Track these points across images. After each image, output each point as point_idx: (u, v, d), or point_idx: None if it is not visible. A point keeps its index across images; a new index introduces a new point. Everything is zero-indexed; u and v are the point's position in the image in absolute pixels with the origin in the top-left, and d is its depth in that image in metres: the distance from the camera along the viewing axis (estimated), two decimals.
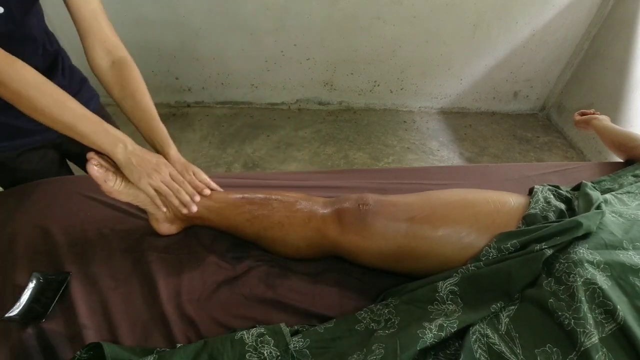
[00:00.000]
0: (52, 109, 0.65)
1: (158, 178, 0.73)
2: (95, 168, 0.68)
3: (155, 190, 0.74)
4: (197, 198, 0.76)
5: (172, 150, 0.79)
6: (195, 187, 0.78)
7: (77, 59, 0.94)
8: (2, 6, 0.67)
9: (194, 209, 0.76)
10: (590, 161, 1.62)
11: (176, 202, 0.75)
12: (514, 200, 0.73)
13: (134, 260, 0.77)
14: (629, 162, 1.02)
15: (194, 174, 0.80)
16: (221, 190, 0.82)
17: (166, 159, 0.77)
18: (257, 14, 2.04)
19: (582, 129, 1.20)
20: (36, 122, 0.68)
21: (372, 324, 0.64)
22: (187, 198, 0.75)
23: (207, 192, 0.78)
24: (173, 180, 0.75)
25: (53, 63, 0.85)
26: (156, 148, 0.80)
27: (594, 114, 1.18)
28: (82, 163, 0.87)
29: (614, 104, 2.10)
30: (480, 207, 0.71)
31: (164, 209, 0.77)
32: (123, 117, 0.81)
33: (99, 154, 0.70)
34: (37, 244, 0.78)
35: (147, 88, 0.80)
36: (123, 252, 0.78)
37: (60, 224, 0.82)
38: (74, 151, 1.00)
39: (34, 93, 0.63)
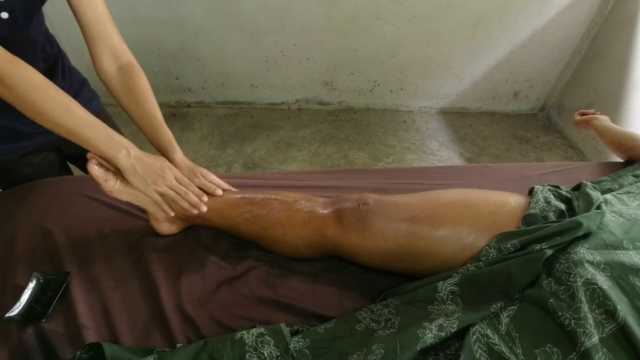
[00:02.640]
0: (57, 113, 0.64)
1: (163, 183, 0.73)
2: (96, 167, 0.68)
3: (162, 195, 0.74)
4: (205, 198, 0.76)
5: (178, 154, 0.79)
6: (206, 189, 0.78)
7: (76, 60, 0.94)
8: (7, 11, 0.66)
9: (204, 208, 0.76)
10: (590, 161, 1.62)
11: (185, 204, 0.75)
12: (514, 201, 0.73)
13: (134, 260, 0.77)
14: (629, 162, 1.02)
15: (202, 176, 0.80)
16: (234, 189, 0.83)
17: (172, 164, 0.77)
18: (257, 14, 2.04)
19: (582, 128, 1.20)
20: (36, 125, 0.67)
21: (372, 324, 0.64)
22: (195, 199, 0.75)
23: (219, 192, 0.78)
24: (179, 182, 0.75)
25: (53, 66, 0.85)
26: (162, 153, 0.80)
27: (594, 114, 1.19)
28: (83, 165, 0.87)
29: (614, 104, 2.10)
30: (481, 207, 0.71)
31: (172, 214, 0.77)
32: (124, 116, 0.81)
33: None
34: (37, 244, 0.78)
35: (152, 93, 0.80)
36: (123, 252, 0.78)
37: (60, 224, 0.81)
38: (75, 153, 1.00)
39: (39, 97, 0.63)
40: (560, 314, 0.55)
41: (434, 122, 2.52)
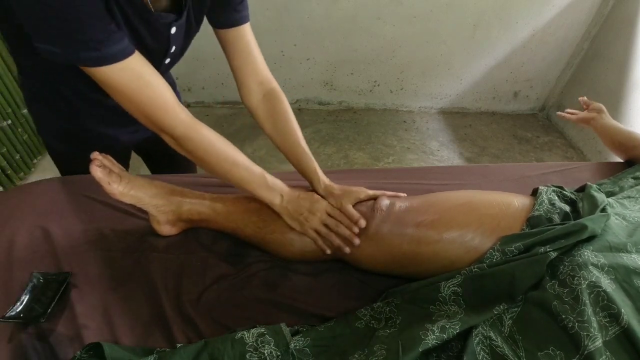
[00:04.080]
0: (227, 170, 0.70)
1: (315, 219, 0.73)
2: (99, 170, 0.67)
3: (318, 232, 0.73)
4: (356, 230, 0.72)
5: (322, 185, 0.78)
6: (350, 218, 0.73)
7: None
8: (175, 45, 0.72)
9: (357, 241, 0.72)
10: (590, 161, 1.62)
11: (337, 241, 0.73)
12: (518, 202, 0.72)
13: (134, 260, 0.77)
14: (629, 162, 1.02)
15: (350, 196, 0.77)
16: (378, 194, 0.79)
17: (316, 189, 0.79)
18: (257, 14, 2.04)
19: (583, 125, 1.19)
20: (125, 132, 0.79)
21: (373, 322, 0.64)
22: (347, 232, 0.72)
23: (363, 223, 0.72)
24: (330, 216, 0.74)
25: (172, 83, 0.89)
26: (309, 182, 0.81)
27: (588, 107, 1.17)
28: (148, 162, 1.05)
29: (614, 104, 2.10)
30: (486, 210, 0.70)
31: (329, 251, 0.74)
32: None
33: (102, 153, 0.71)
34: (37, 244, 0.77)
35: (295, 118, 0.82)
36: (123, 252, 0.78)
37: (60, 224, 0.81)
38: (145, 149, 1.04)
39: (213, 159, 0.69)
40: (564, 316, 0.55)
41: (434, 122, 2.52)
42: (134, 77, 0.58)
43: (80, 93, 0.74)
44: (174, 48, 0.72)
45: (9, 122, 1.62)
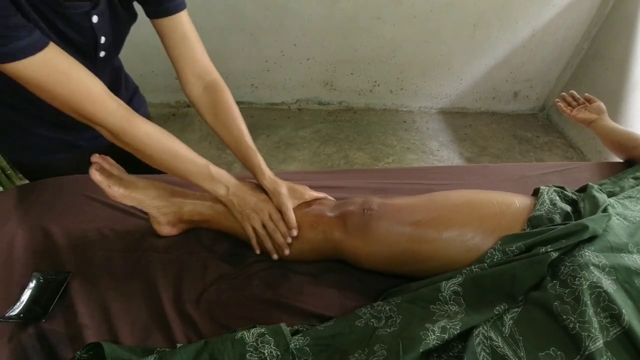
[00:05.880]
0: (168, 161, 0.69)
1: (257, 219, 0.74)
2: (97, 173, 0.68)
3: (255, 231, 0.75)
4: (290, 240, 0.74)
5: (266, 178, 0.78)
6: (287, 224, 0.75)
7: (128, 66, 0.95)
8: (104, 50, 0.70)
9: (286, 252, 0.74)
10: (590, 161, 1.62)
11: (269, 245, 0.74)
12: (519, 202, 0.72)
13: (134, 260, 0.77)
14: (629, 162, 1.02)
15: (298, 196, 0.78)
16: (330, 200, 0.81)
17: (261, 184, 0.78)
18: (257, 14, 2.04)
19: (583, 124, 1.18)
20: (89, 138, 0.76)
21: (372, 320, 0.64)
22: (281, 240, 0.74)
23: (294, 232, 0.74)
24: (271, 219, 0.74)
25: (117, 78, 0.86)
26: (252, 174, 0.81)
27: (583, 104, 1.15)
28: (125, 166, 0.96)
29: (614, 104, 2.10)
30: (486, 209, 0.70)
31: (258, 251, 0.77)
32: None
33: (102, 155, 0.71)
34: (37, 244, 0.78)
35: (239, 111, 0.80)
36: (123, 252, 0.78)
37: (60, 224, 0.81)
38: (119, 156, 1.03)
39: (153, 151, 0.67)
40: (564, 317, 0.54)
41: (434, 122, 2.52)
42: (49, 70, 0.56)
43: (12, 93, 0.71)
44: (103, 39, 0.69)
45: None
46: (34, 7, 0.55)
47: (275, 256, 0.75)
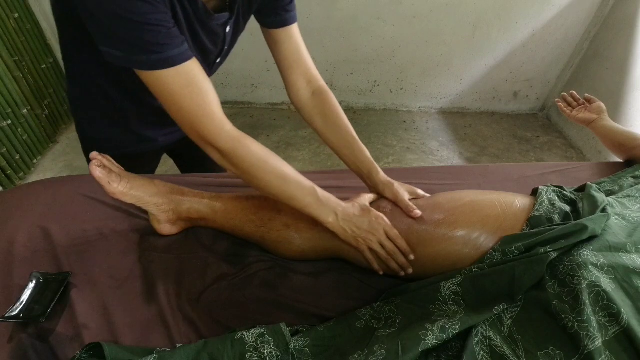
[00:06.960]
0: (274, 184, 0.67)
1: (375, 240, 0.70)
2: (98, 170, 0.67)
3: (372, 252, 0.71)
4: (412, 257, 0.71)
5: (381, 176, 0.78)
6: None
7: None
8: (228, 45, 0.73)
9: (410, 271, 0.71)
10: (590, 161, 1.62)
11: (394, 265, 0.71)
12: (519, 202, 0.72)
13: (134, 260, 0.76)
14: (628, 162, 1.02)
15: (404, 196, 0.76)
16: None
17: (375, 187, 0.79)
18: None
19: (583, 124, 1.18)
20: (163, 133, 0.78)
21: (372, 321, 0.64)
22: (402, 259, 0.70)
23: (412, 257, 0.70)
24: (388, 237, 0.71)
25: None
26: (363, 176, 0.81)
27: (583, 104, 1.15)
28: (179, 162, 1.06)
29: (614, 104, 2.10)
30: (489, 210, 0.70)
31: (381, 272, 0.73)
32: None
33: (101, 153, 0.70)
34: (37, 244, 0.77)
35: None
36: (123, 252, 0.78)
37: (60, 224, 0.81)
38: (179, 151, 1.04)
39: (259, 173, 0.65)
40: (563, 316, 0.55)
41: (434, 122, 2.52)
42: (186, 82, 0.57)
43: (129, 94, 0.74)
44: (226, 48, 0.72)
45: (9, 122, 1.63)
46: (185, 16, 0.57)
47: (402, 274, 0.71)
